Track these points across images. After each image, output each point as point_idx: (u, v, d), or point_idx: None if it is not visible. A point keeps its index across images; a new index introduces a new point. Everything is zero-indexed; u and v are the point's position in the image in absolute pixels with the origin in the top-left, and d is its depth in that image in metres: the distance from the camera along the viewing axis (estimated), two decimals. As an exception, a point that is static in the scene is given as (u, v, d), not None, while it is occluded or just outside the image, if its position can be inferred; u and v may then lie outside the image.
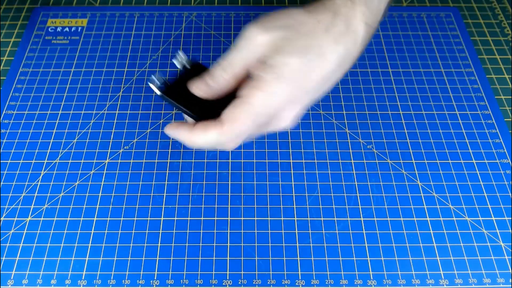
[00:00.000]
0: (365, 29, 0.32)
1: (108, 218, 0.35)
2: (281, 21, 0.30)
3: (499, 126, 0.40)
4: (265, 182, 0.37)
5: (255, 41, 0.29)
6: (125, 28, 0.48)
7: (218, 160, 0.38)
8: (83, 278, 0.32)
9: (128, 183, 0.37)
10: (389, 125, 0.41)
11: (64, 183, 0.37)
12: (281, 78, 0.29)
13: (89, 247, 0.34)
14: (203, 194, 0.37)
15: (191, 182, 0.37)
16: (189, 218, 0.35)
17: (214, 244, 0.34)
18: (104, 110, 0.41)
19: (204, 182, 0.37)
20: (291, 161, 0.38)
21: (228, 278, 0.33)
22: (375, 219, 0.35)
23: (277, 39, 0.29)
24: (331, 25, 0.30)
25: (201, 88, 0.31)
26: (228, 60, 0.30)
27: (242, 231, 0.35)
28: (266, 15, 0.31)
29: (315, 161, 0.38)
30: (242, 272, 0.33)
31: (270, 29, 0.30)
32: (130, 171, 0.38)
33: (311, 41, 0.29)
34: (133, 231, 0.35)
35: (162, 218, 0.35)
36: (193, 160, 0.38)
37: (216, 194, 0.37)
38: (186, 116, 0.33)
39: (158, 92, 0.31)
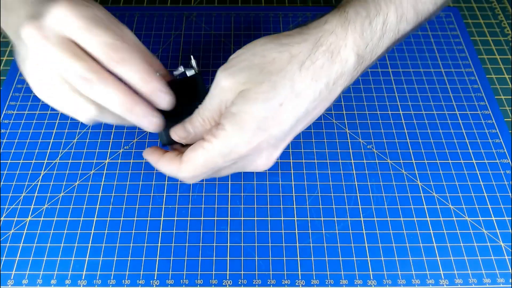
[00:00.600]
0: (357, 60, 0.29)
1: (108, 218, 0.35)
2: (247, 61, 0.28)
3: (499, 126, 0.40)
4: (265, 182, 0.37)
5: (221, 86, 0.28)
6: (125, 28, 0.48)
7: (218, 160, 0.38)
8: (83, 278, 0.32)
9: (128, 183, 0.37)
10: (389, 125, 0.41)
11: (64, 183, 0.37)
12: (242, 127, 0.27)
13: (89, 247, 0.34)
14: (203, 194, 0.37)
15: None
16: (189, 218, 0.35)
17: (214, 244, 0.34)
18: (104, 110, 0.42)
19: (204, 182, 0.37)
20: (291, 161, 0.38)
21: (228, 278, 0.33)
22: (375, 219, 0.35)
23: (241, 82, 0.27)
24: (308, 60, 0.28)
25: (179, 134, 0.31)
26: (203, 106, 0.30)
27: (242, 231, 0.35)
28: (235, 54, 0.29)
29: (315, 161, 0.38)
30: (242, 272, 0.33)
31: (235, 72, 0.28)
32: (130, 171, 0.38)
33: (281, 81, 0.27)
34: (133, 231, 0.35)
35: (162, 218, 0.35)
36: (193, 160, 0.38)
37: (216, 194, 0.37)
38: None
39: None
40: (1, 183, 0.37)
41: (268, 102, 0.27)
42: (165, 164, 0.31)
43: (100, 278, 0.32)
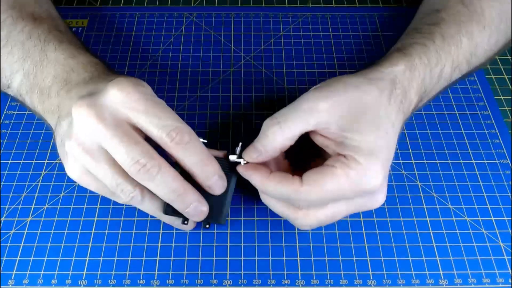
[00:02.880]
0: (417, 102, 0.32)
1: (109, 218, 0.35)
2: (341, 87, 0.29)
3: (499, 127, 0.41)
4: (265, 182, 0.37)
5: (316, 106, 0.28)
6: (125, 29, 0.48)
7: (218, 160, 0.38)
8: (83, 278, 0.32)
9: (128, 183, 0.37)
10: (389, 125, 0.41)
11: (65, 183, 0.37)
12: (375, 159, 0.27)
13: (90, 247, 0.34)
14: (203, 194, 0.37)
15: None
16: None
17: (214, 244, 0.34)
18: (105, 111, 0.42)
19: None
20: (291, 161, 0.38)
21: (228, 278, 0.33)
22: (375, 219, 0.35)
23: (339, 106, 0.28)
24: (393, 95, 0.29)
25: (251, 155, 0.29)
26: (285, 120, 0.28)
27: (242, 231, 0.35)
28: (326, 81, 0.30)
29: (315, 161, 0.38)
30: (242, 272, 0.33)
31: (331, 95, 0.28)
32: (130, 171, 0.38)
33: (379, 112, 0.28)
34: (134, 231, 0.35)
35: (162, 218, 0.35)
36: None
37: (216, 194, 0.37)
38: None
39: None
40: (2, 183, 0.37)
41: (379, 131, 0.28)
42: (276, 183, 0.28)
43: (100, 278, 0.33)
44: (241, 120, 0.41)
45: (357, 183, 0.27)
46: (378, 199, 0.29)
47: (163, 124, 0.27)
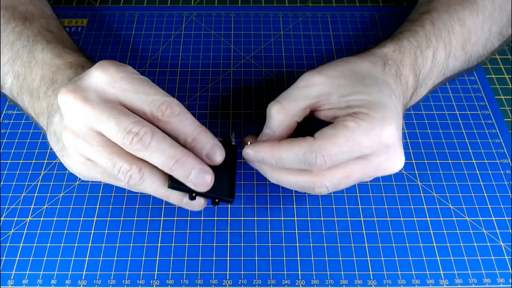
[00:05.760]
0: (414, 81, 0.32)
1: (108, 218, 0.35)
2: (331, 64, 0.30)
3: (499, 126, 0.40)
4: (265, 182, 0.37)
5: (311, 81, 0.29)
6: (125, 28, 0.48)
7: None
8: (83, 278, 0.32)
9: (128, 183, 0.37)
10: (389, 125, 0.41)
11: (64, 183, 0.37)
12: (387, 113, 0.27)
13: (89, 247, 0.34)
14: (203, 194, 0.36)
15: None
16: (189, 218, 0.35)
17: (214, 244, 0.34)
18: (104, 110, 0.41)
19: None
20: (291, 161, 0.38)
21: (228, 278, 0.33)
22: (375, 219, 0.35)
23: (334, 77, 0.29)
24: (386, 66, 0.30)
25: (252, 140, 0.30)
26: (284, 99, 0.29)
27: (242, 231, 0.35)
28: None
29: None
30: (242, 272, 0.33)
31: (323, 70, 0.29)
32: (130, 171, 0.38)
33: (376, 78, 0.29)
34: (133, 231, 0.35)
35: (162, 218, 0.35)
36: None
37: (216, 194, 0.37)
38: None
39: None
40: (1, 183, 0.37)
41: (383, 93, 0.28)
42: (288, 146, 0.27)
43: (100, 278, 0.32)
44: (241, 120, 0.41)
45: (371, 133, 0.26)
46: (396, 161, 0.28)
47: (152, 99, 0.27)
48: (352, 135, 0.26)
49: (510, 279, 0.33)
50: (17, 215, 0.35)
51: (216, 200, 0.30)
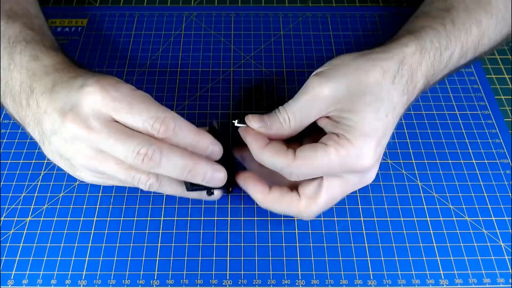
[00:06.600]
0: (424, 83, 0.32)
1: (108, 218, 0.35)
2: (342, 70, 0.29)
3: (499, 126, 0.40)
4: (265, 182, 0.37)
5: (317, 92, 0.29)
6: (125, 28, 0.48)
7: (218, 160, 0.38)
8: (83, 278, 0.32)
9: (128, 183, 0.37)
10: (389, 125, 0.41)
11: (64, 183, 0.37)
12: (366, 139, 0.28)
13: (89, 247, 0.34)
14: (203, 194, 0.36)
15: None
16: (189, 218, 0.35)
17: (214, 244, 0.34)
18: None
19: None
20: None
21: (228, 278, 0.33)
22: (375, 219, 0.35)
23: (340, 89, 0.28)
24: (398, 75, 0.30)
25: (254, 120, 0.30)
26: (289, 106, 0.29)
27: (242, 231, 0.35)
28: (327, 63, 0.30)
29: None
30: (242, 272, 0.33)
31: (332, 79, 0.29)
32: (130, 171, 0.38)
33: (380, 93, 0.29)
34: (133, 231, 0.35)
35: (162, 218, 0.35)
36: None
37: (216, 194, 0.37)
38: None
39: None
40: (1, 183, 0.37)
41: (378, 113, 0.28)
42: (271, 154, 0.29)
43: (100, 278, 0.32)
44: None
45: (347, 161, 0.28)
46: (367, 178, 0.30)
47: (145, 118, 0.27)
48: (329, 162, 0.28)
49: (510, 279, 0.33)
50: (17, 215, 0.35)
51: (230, 189, 0.32)
